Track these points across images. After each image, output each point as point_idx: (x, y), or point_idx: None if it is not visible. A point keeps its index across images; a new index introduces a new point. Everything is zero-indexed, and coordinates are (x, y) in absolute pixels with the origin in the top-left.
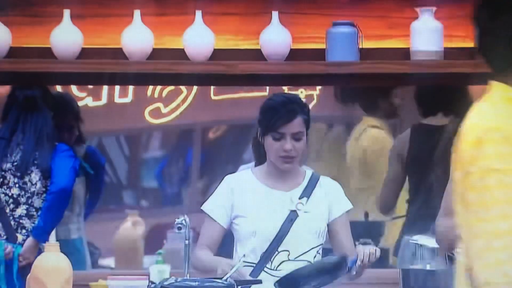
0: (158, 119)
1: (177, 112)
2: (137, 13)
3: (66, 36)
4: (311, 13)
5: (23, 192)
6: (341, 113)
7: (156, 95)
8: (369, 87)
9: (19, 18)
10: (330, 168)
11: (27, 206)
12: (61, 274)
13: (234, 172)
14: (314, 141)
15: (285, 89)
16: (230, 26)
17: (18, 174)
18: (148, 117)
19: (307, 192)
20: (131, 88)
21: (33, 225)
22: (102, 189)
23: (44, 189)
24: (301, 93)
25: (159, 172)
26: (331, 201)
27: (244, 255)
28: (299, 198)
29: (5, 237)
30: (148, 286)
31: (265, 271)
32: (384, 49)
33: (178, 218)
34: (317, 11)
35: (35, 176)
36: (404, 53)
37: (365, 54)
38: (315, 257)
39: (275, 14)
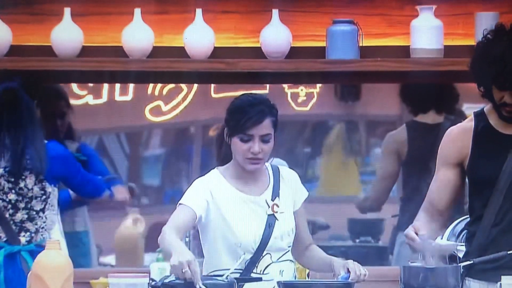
0: (158, 117)
1: (178, 110)
2: (137, 11)
3: (66, 34)
4: (311, 11)
5: (20, 198)
6: (341, 110)
7: (156, 93)
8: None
9: (19, 16)
10: (329, 165)
11: (27, 210)
12: (62, 272)
13: None
14: (315, 138)
15: (285, 87)
16: (230, 24)
17: (12, 179)
18: (148, 115)
19: (276, 191)
20: (131, 86)
21: (36, 226)
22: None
23: (42, 192)
24: (301, 90)
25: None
26: (293, 193)
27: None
28: (273, 200)
29: (5, 239)
30: (148, 283)
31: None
32: (384, 47)
33: None
34: (317, 9)
35: (30, 181)
36: (404, 51)
37: (365, 52)
38: (288, 251)
39: (275, 12)
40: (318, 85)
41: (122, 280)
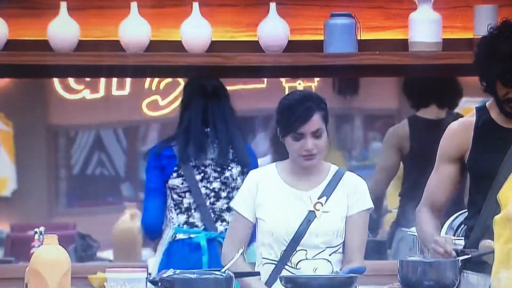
0: (155, 111)
1: (175, 105)
2: (134, 5)
3: (63, 29)
4: (309, 4)
5: (224, 187)
6: (339, 104)
7: (153, 88)
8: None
9: (16, 11)
10: (327, 158)
11: (227, 200)
12: (60, 267)
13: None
14: None
15: (283, 81)
16: (228, 18)
17: (219, 169)
18: (145, 110)
19: (328, 191)
20: (128, 80)
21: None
22: None
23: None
24: (299, 84)
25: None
26: (351, 199)
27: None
28: (319, 198)
29: (203, 227)
30: (146, 278)
31: (286, 269)
32: (383, 40)
33: None
34: (315, 2)
35: (235, 171)
36: (403, 44)
37: (363, 45)
38: (330, 255)
39: (272, 6)
40: (316, 79)
41: (120, 274)
